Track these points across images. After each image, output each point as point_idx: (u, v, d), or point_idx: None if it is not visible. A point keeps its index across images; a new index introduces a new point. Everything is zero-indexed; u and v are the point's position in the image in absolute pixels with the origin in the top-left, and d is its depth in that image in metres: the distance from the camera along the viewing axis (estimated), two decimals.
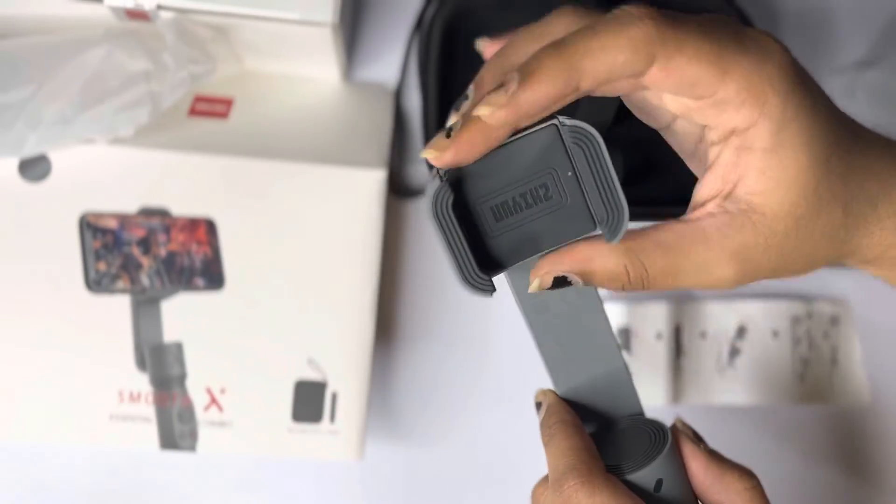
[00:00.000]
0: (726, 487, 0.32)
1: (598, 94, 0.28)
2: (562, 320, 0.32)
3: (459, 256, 0.27)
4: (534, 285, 0.29)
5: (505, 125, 0.26)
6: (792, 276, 0.30)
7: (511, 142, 0.27)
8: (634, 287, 0.29)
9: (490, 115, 0.26)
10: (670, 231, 0.28)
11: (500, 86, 0.26)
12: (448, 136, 0.27)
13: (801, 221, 0.28)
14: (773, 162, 0.27)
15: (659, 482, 0.31)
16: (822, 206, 0.28)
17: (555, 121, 0.27)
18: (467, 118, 0.27)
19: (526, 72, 0.26)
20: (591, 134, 0.27)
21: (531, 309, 0.32)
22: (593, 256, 0.28)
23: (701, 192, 0.29)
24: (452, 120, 0.28)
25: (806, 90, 0.28)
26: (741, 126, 0.27)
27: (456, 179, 0.27)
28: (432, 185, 0.27)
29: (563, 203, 0.28)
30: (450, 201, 0.27)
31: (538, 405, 0.35)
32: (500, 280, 0.29)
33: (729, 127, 0.27)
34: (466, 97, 0.29)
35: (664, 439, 0.32)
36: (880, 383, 0.54)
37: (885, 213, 0.29)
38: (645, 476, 0.31)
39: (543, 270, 0.29)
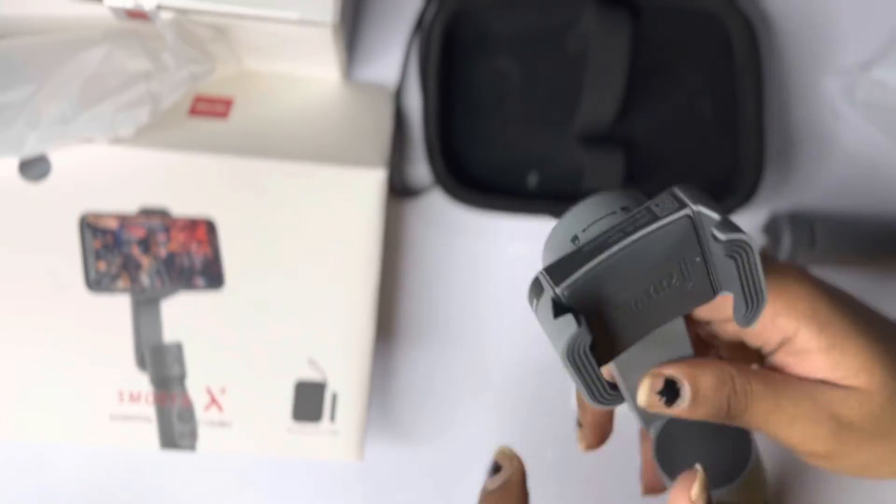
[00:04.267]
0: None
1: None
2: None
3: (593, 386, 0.26)
4: (646, 393, 0.30)
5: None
6: (876, 473, 0.32)
7: (639, 238, 0.25)
8: (730, 412, 0.30)
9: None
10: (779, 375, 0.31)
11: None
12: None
13: (891, 398, 0.30)
14: (836, 356, 0.29)
15: None
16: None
17: (687, 211, 0.25)
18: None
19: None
20: (746, 242, 0.25)
21: None
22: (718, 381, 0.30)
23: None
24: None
25: (831, 294, 0.31)
26: (784, 337, 0.30)
27: (585, 307, 0.25)
28: (563, 328, 0.24)
29: (685, 287, 0.27)
30: (587, 344, 0.24)
31: (496, 467, 0.32)
32: None
33: (775, 340, 0.30)
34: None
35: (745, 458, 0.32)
36: None
37: None
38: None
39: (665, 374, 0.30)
